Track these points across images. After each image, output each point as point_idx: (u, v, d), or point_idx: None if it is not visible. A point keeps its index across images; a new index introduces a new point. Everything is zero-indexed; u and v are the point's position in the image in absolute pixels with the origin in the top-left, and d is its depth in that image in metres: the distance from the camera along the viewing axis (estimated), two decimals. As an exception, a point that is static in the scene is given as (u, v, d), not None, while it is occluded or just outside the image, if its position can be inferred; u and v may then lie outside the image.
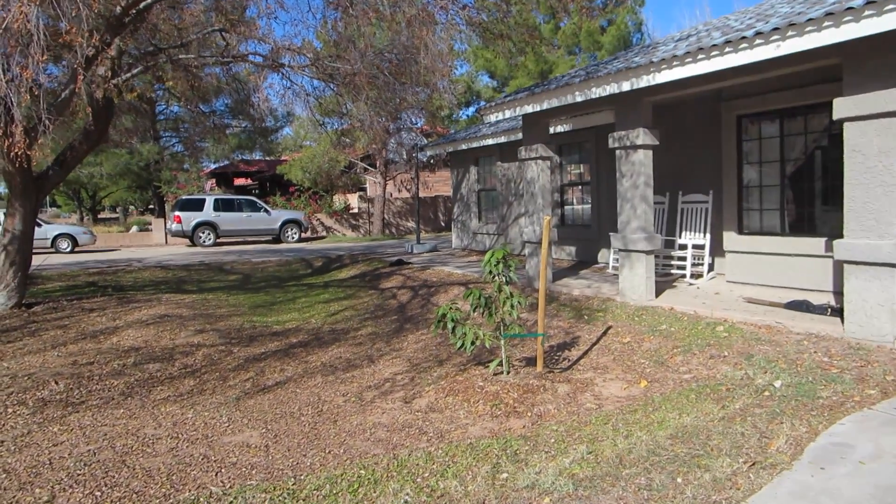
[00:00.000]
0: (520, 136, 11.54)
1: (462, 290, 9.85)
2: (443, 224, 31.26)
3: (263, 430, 5.11)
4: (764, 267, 8.40)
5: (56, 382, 6.29)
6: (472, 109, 32.80)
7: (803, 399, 4.68)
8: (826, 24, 5.55)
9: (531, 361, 6.42)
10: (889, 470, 3.46)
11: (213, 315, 9.83)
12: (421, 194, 28.12)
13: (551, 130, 11.41)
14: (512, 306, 5.88)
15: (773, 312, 6.89)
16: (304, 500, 3.72)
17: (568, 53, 29.21)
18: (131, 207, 57.90)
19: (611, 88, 7.97)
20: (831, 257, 6.51)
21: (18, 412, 5.49)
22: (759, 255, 8.47)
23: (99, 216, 51.54)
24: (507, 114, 10.08)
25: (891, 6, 5.09)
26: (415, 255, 16.31)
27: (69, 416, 5.46)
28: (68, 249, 21.46)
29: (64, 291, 11.69)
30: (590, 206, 12.21)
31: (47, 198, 43.36)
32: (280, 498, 3.73)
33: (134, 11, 8.37)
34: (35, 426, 5.18)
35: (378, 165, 27.61)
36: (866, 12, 5.26)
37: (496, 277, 5.90)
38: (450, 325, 5.84)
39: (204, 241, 23.51)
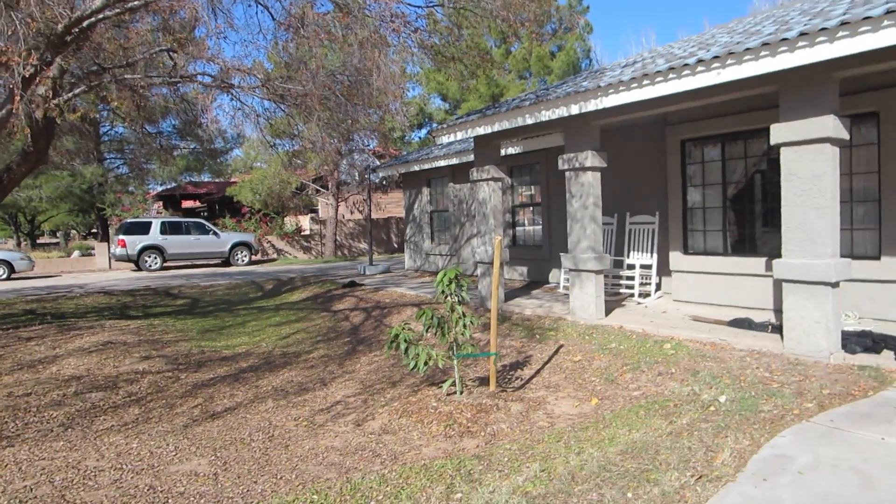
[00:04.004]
0: (472, 157, 11.66)
1: (415, 311, 9.83)
2: (396, 245, 31.21)
3: (212, 458, 4.98)
4: (709, 286, 8.65)
5: (-10, 413, 6.02)
6: (424, 131, 32.99)
7: (746, 413, 4.82)
8: (763, 53, 5.82)
9: (484, 381, 6.44)
10: (826, 479, 3.59)
11: (160, 341, 9.57)
12: (374, 216, 28.03)
13: (503, 152, 11.58)
14: (465, 326, 5.90)
15: (717, 330, 7.09)
16: (254, 527, 3.63)
17: (519, 77, 29.75)
18: (73, 232, 55.91)
19: (560, 112, 8.16)
20: (771, 276, 6.75)
21: (-51, 445, 5.23)
22: (704, 275, 8.73)
23: (38, 241, 49.67)
24: (459, 135, 10.19)
25: (822, 38, 5.38)
26: (368, 276, 16.23)
27: (3, 450, 5.21)
28: (4, 276, 20.62)
29: None
30: (541, 226, 12.39)
31: (-19, 222, 41.62)
32: (229, 526, 3.64)
33: (77, 30, 8.17)
34: (-33, 460, 4.94)
35: (330, 187, 27.45)
36: (799, 44, 5.54)
37: (449, 297, 5.93)
38: (403, 346, 5.82)
39: (150, 266, 22.89)
